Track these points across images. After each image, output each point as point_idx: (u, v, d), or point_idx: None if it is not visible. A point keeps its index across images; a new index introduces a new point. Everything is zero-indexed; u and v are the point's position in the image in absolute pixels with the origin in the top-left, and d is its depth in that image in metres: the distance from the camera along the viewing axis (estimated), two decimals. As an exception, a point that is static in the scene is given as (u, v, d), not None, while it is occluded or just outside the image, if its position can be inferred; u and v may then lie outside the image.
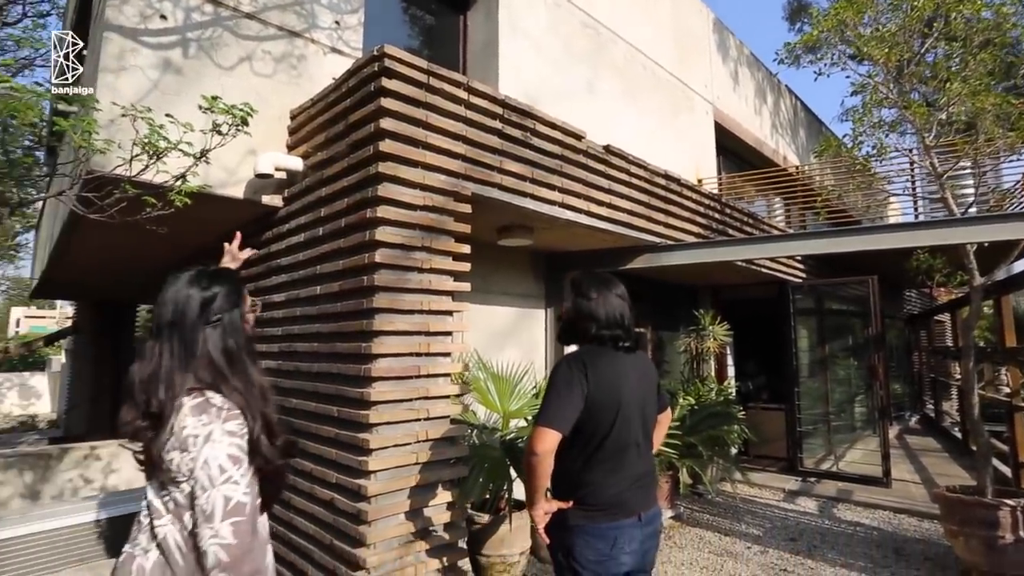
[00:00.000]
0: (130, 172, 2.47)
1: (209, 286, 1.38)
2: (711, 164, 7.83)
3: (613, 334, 1.90)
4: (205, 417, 1.24)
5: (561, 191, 3.85)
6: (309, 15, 3.86)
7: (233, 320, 1.37)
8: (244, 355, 1.36)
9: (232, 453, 1.23)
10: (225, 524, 1.18)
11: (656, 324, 6.80)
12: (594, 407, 1.79)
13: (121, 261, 5.61)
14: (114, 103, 2.93)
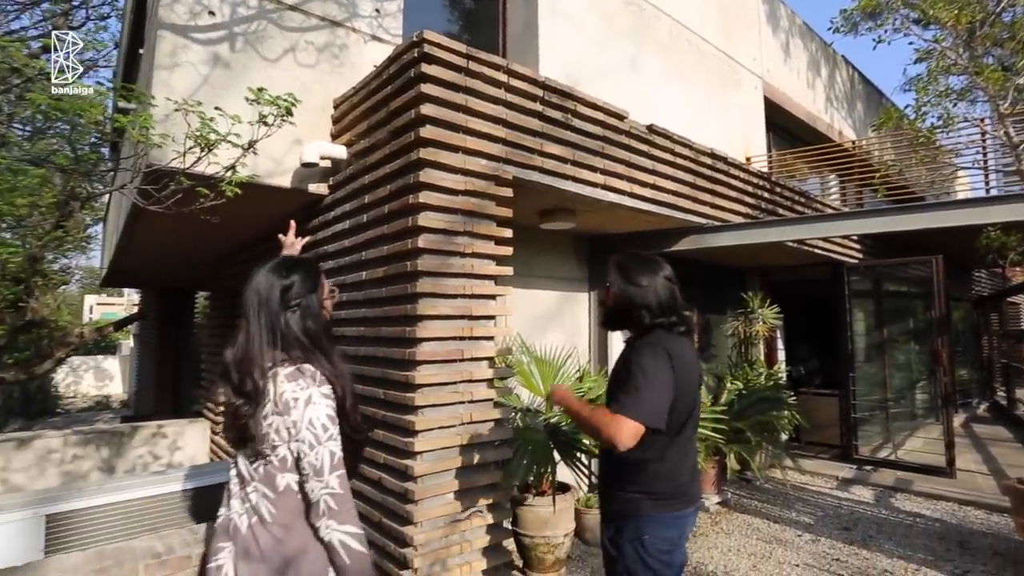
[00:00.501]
0: (184, 164, 2.57)
1: (288, 275, 1.49)
2: (760, 141, 7.53)
3: (670, 320, 1.83)
4: (302, 382, 1.36)
5: (603, 173, 3.78)
6: (350, 4, 3.89)
7: (310, 304, 1.48)
8: (322, 336, 1.47)
9: (330, 414, 1.36)
10: (333, 476, 1.32)
11: (702, 307, 6.64)
12: (679, 397, 1.72)
13: (179, 250, 5.88)
14: (168, 99, 3.05)
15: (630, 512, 1.78)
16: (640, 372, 1.69)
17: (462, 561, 2.81)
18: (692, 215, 4.61)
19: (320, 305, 1.52)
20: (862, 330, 6.79)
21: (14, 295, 7.15)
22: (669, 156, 4.37)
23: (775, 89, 7.99)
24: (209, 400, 6.28)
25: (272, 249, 4.52)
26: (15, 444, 5.39)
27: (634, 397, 1.66)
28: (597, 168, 3.73)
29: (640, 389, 1.66)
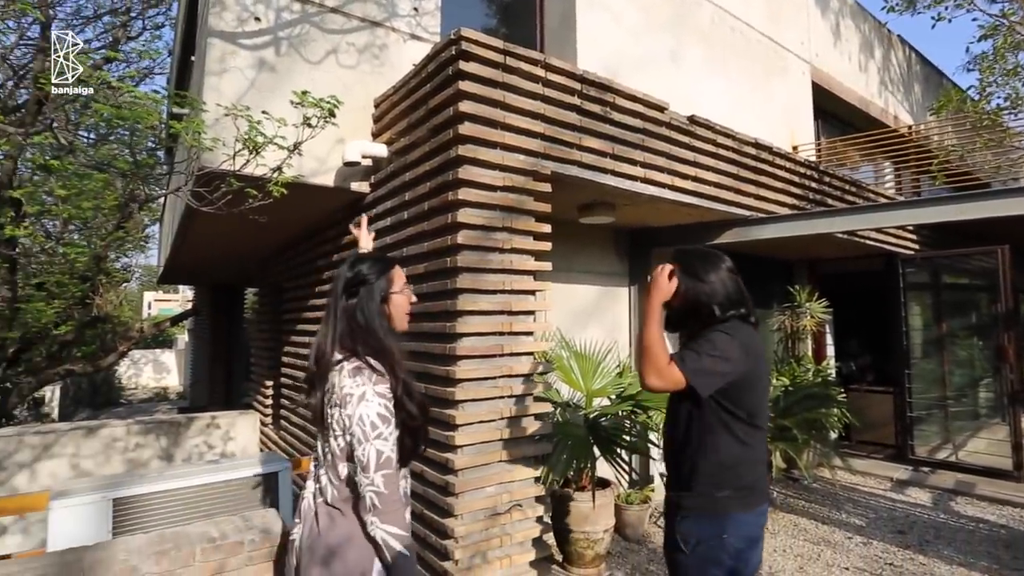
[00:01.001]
0: (234, 167, 2.67)
1: (354, 267, 1.61)
2: (808, 129, 7.25)
3: (739, 313, 1.80)
4: (360, 378, 1.43)
5: (643, 166, 3.73)
6: (389, 4, 3.95)
7: (367, 295, 1.56)
8: (376, 326, 1.53)
9: (381, 412, 1.42)
10: (378, 475, 1.38)
11: (747, 302, 6.47)
12: (757, 384, 1.73)
13: (230, 248, 6.12)
14: (218, 104, 3.17)
15: (708, 509, 1.72)
16: (709, 343, 1.71)
17: (502, 554, 2.84)
18: (735, 207, 4.49)
19: (383, 297, 1.58)
20: (918, 325, 6.48)
21: (82, 292, 7.59)
22: (711, 147, 4.27)
23: (824, 74, 7.68)
24: (259, 393, 6.53)
25: (317, 245, 4.65)
26: (84, 432, 5.74)
27: (694, 357, 1.68)
28: (637, 161, 3.67)
29: (702, 354, 1.68)
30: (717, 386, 1.67)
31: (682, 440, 1.79)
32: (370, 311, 1.54)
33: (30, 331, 7.43)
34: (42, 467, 5.47)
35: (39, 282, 7.55)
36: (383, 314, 1.58)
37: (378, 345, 1.51)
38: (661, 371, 1.67)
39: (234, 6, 3.41)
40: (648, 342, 1.73)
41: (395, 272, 1.66)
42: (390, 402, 1.45)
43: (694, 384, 1.66)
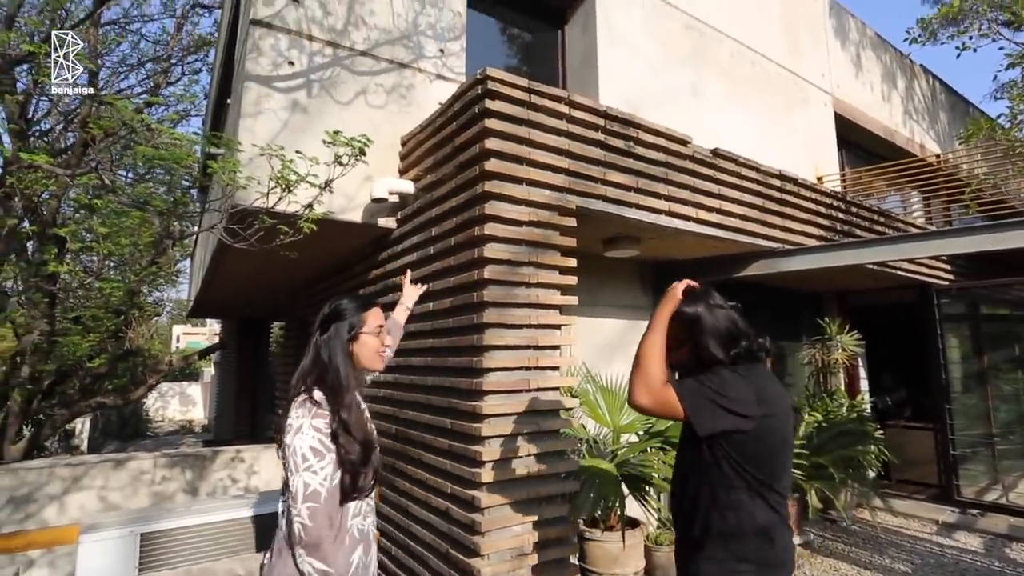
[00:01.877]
0: (267, 204, 2.74)
1: (332, 304, 1.70)
2: (832, 160, 7.21)
3: (742, 350, 1.57)
4: (302, 411, 1.49)
5: (668, 199, 3.73)
6: (416, 46, 4.09)
7: (336, 332, 1.64)
8: (338, 362, 1.60)
9: (314, 445, 1.44)
10: (304, 507, 1.39)
11: (775, 334, 6.34)
12: (774, 440, 1.48)
13: (258, 283, 6.25)
14: (253, 144, 3.29)
15: None
16: (718, 377, 1.50)
17: (530, 597, 2.75)
18: (761, 239, 4.44)
19: (351, 336, 1.65)
20: (957, 357, 6.25)
21: (115, 326, 7.79)
22: (735, 179, 4.26)
23: (847, 105, 7.66)
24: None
25: (344, 281, 4.72)
26: (112, 465, 5.80)
27: (695, 387, 1.49)
28: (661, 194, 3.68)
29: (705, 385, 1.49)
30: (720, 428, 1.45)
31: (692, 494, 1.56)
32: (334, 347, 1.62)
33: (65, 364, 7.62)
34: (71, 500, 5.52)
35: (75, 316, 7.78)
36: (347, 351, 1.64)
37: (333, 381, 1.56)
38: (652, 388, 1.49)
39: (270, 51, 3.56)
40: (643, 352, 1.55)
41: (371, 313, 1.72)
42: (327, 437, 1.47)
43: (692, 418, 1.46)
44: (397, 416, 3.53)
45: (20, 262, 6.69)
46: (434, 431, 3.10)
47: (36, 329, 6.96)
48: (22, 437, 7.41)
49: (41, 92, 7.04)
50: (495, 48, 5.22)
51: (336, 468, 1.48)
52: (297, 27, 3.66)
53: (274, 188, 2.84)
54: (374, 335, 1.71)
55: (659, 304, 1.69)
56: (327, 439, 1.47)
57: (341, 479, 1.49)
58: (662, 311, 1.65)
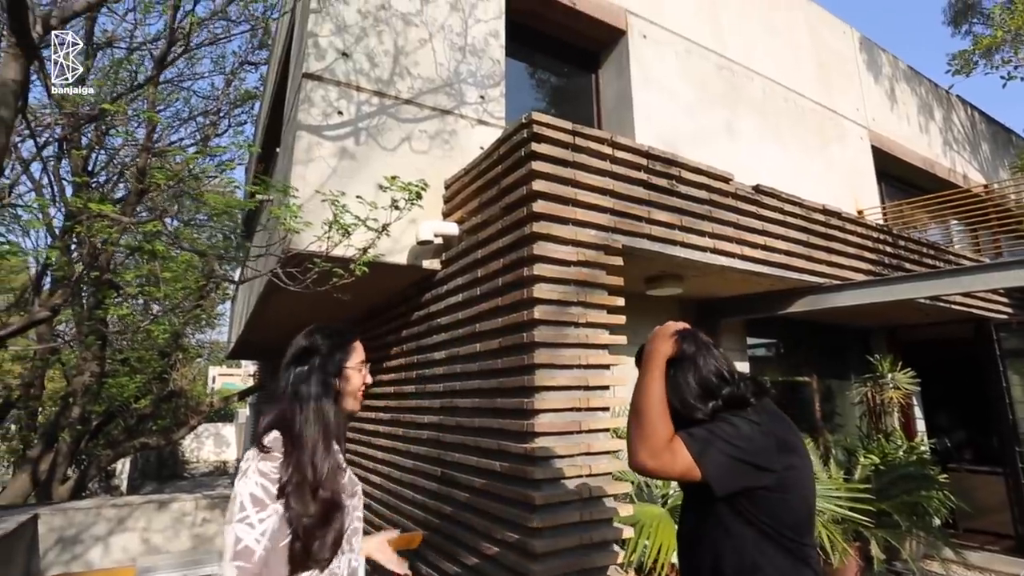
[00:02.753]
0: (324, 248, 2.82)
1: (311, 335, 1.51)
2: (871, 193, 7.10)
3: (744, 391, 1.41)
4: (252, 452, 1.31)
5: (712, 236, 3.71)
6: (458, 94, 4.23)
7: (313, 368, 1.44)
8: (314, 402, 1.39)
9: (255, 493, 1.23)
10: (231, 565, 1.17)
11: (821, 372, 6.13)
12: (798, 489, 1.33)
13: (300, 325, 6.34)
14: (316, 191, 3.41)
15: None
16: (730, 425, 1.32)
17: (586, 652, 2.63)
18: (807, 275, 4.36)
19: (336, 371, 1.45)
20: (1023, 396, 5.92)
21: (161, 367, 8.01)
22: (779, 215, 4.22)
23: (883, 138, 7.59)
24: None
25: (385, 322, 4.77)
26: (156, 506, 5.86)
27: (707, 438, 1.29)
28: (705, 232, 3.66)
29: (717, 435, 1.30)
30: (741, 485, 1.28)
31: (712, 562, 1.35)
32: (315, 382, 1.42)
33: (113, 404, 7.83)
34: (116, 541, 5.57)
35: (124, 358, 8.04)
36: (330, 389, 1.43)
37: (309, 423, 1.34)
38: (656, 449, 1.27)
39: (320, 102, 3.72)
40: (642, 403, 1.34)
41: (355, 346, 1.53)
42: (273, 484, 1.25)
43: (709, 476, 1.26)
44: (442, 459, 3.49)
45: (76, 306, 6.98)
46: (483, 474, 3.05)
47: (87, 371, 7.20)
48: (69, 478, 7.57)
49: (101, 146, 7.49)
50: (532, 92, 5.37)
51: (282, 525, 1.25)
52: (346, 79, 3.83)
53: (328, 232, 2.92)
54: (358, 371, 1.51)
55: (649, 345, 1.46)
56: (273, 486, 1.25)
57: (290, 543, 1.25)
58: (657, 353, 1.43)
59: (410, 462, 3.94)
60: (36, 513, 5.18)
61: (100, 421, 8.14)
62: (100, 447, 8.19)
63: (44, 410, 9.08)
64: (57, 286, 5.21)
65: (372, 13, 4.01)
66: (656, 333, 1.50)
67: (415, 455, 3.89)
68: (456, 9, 4.38)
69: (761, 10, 6.65)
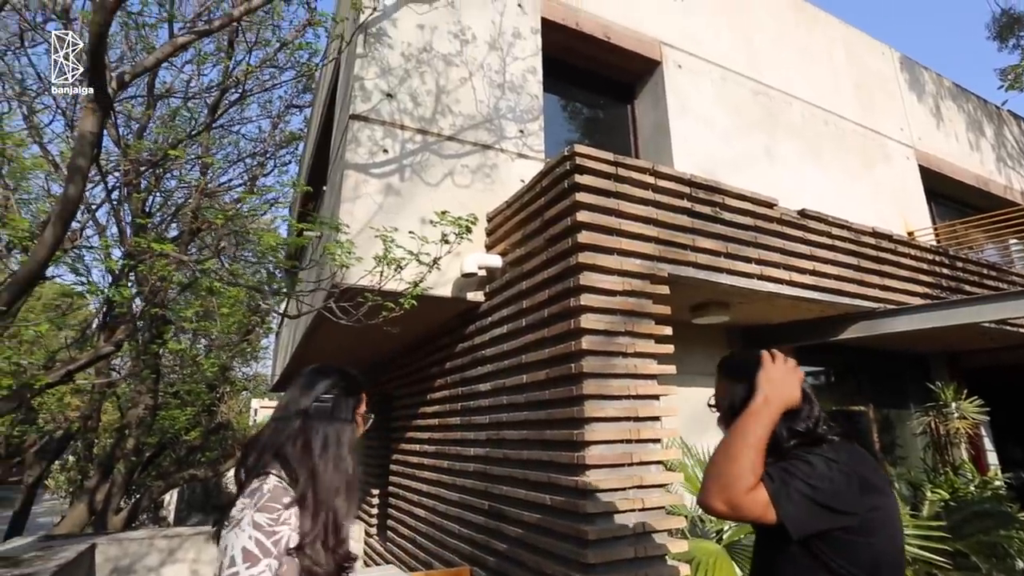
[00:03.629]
0: (377, 283, 2.89)
1: (314, 380, 1.40)
2: (922, 213, 6.87)
3: (824, 427, 1.35)
4: (248, 499, 1.20)
5: (758, 262, 3.64)
6: (498, 129, 4.33)
7: (320, 413, 1.34)
8: (322, 449, 1.30)
9: (247, 547, 1.14)
10: None
11: (877, 400, 5.85)
12: (886, 532, 1.26)
13: (344, 357, 6.48)
14: (371, 227, 3.51)
15: None
16: (807, 464, 1.24)
17: None
18: (860, 299, 4.22)
19: (343, 419, 1.37)
20: (1103, 426, 5.52)
21: (209, 400, 8.24)
22: (827, 239, 4.12)
23: (931, 156, 7.38)
24: (364, 502, 6.55)
25: (428, 354, 4.81)
26: (205, 537, 5.95)
27: (786, 478, 1.22)
28: (752, 258, 3.60)
29: (794, 476, 1.22)
30: (817, 528, 1.21)
31: None
32: (338, 424, 1.34)
33: (165, 436, 8.08)
34: (167, 571, 5.67)
35: (175, 391, 8.32)
36: (349, 433, 1.36)
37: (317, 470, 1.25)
38: (737, 495, 1.18)
39: (366, 142, 3.87)
40: (740, 450, 1.21)
41: (363, 394, 1.47)
42: (268, 536, 1.16)
43: (784, 517, 1.19)
44: (489, 492, 3.46)
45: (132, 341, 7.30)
46: (533, 508, 3.01)
47: (141, 403, 7.47)
48: (123, 508, 7.79)
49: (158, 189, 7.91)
50: (569, 125, 5.45)
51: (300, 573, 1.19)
52: (391, 118, 3.98)
53: (377, 267, 3.00)
54: (363, 419, 1.45)
55: (770, 388, 1.31)
56: (267, 539, 1.16)
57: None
58: (780, 400, 1.30)
59: (456, 495, 3.92)
60: (94, 543, 5.33)
61: (152, 453, 8.39)
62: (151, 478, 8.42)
63: (100, 441, 9.42)
64: (117, 322, 5.47)
65: (415, 55, 4.18)
66: (778, 378, 1.33)
67: (461, 488, 3.87)
68: (494, 48, 4.52)
69: (796, 35, 6.64)
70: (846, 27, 7.31)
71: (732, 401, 1.40)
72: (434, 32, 4.31)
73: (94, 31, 2.77)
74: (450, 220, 2.90)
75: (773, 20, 6.49)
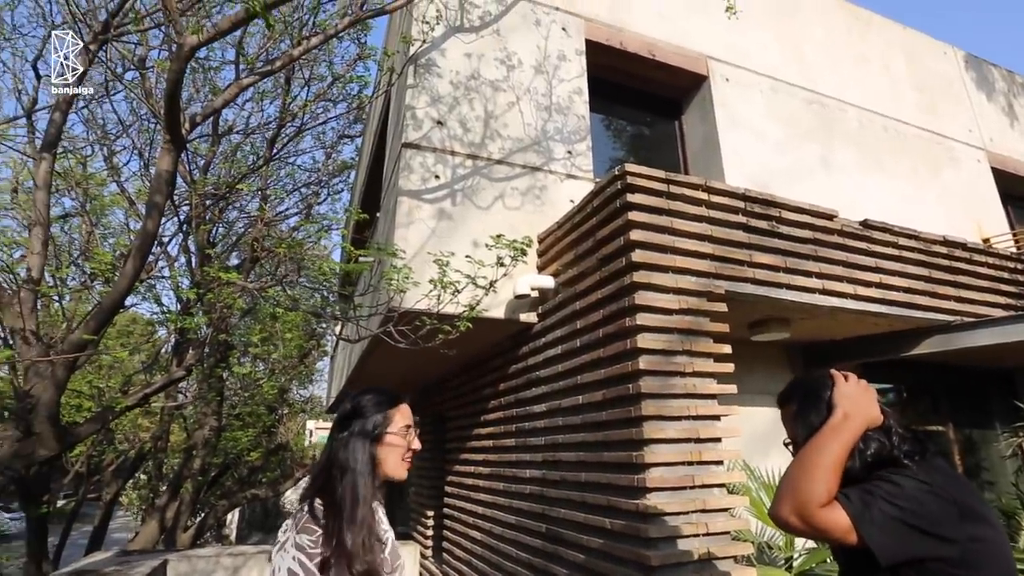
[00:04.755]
0: (435, 307, 2.95)
1: (356, 398, 1.47)
2: (998, 218, 6.47)
3: (908, 447, 1.25)
4: (290, 522, 1.30)
5: (819, 276, 3.51)
6: (546, 151, 4.38)
7: (358, 430, 1.41)
8: (357, 467, 1.36)
9: (292, 567, 1.22)
10: None
11: (957, 420, 5.48)
12: (996, 566, 1.14)
13: (397, 379, 6.60)
14: (428, 252, 3.61)
15: None
16: (894, 486, 1.14)
17: None
18: (932, 312, 4.00)
19: (375, 436, 1.42)
20: None
21: (270, 422, 8.54)
22: (893, 250, 3.94)
23: (1005, 158, 6.96)
24: (419, 523, 6.60)
25: (481, 375, 4.84)
26: (267, 556, 6.13)
27: (870, 499, 1.13)
28: (812, 272, 3.48)
29: (877, 496, 1.13)
30: (911, 555, 1.11)
31: None
32: (354, 448, 1.38)
33: (228, 457, 8.41)
34: (232, 590, 5.85)
35: (238, 413, 8.67)
36: (370, 455, 1.40)
37: (346, 490, 1.32)
38: (809, 511, 1.11)
39: (419, 168, 3.98)
40: (817, 465, 1.15)
41: (398, 410, 1.48)
42: (311, 558, 1.23)
43: (869, 540, 1.10)
44: (547, 514, 3.42)
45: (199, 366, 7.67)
46: (592, 531, 2.96)
47: (207, 425, 7.80)
48: (190, 526, 8.12)
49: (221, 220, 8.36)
50: (616, 142, 5.45)
51: None
52: (441, 145, 4.09)
53: (433, 291, 3.06)
54: (401, 436, 1.46)
55: (849, 404, 1.25)
56: (310, 561, 1.23)
57: None
58: (860, 419, 1.23)
59: (512, 518, 3.89)
60: (165, 559, 5.57)
61: (216, 472, 8.73)
62: (216, 497, 8.75)
63: (169, 461, 9.89)
64: (186, 347, 5.77)
65: (463, 83, 4.30)
66: (857, 394, 1.28)
67: (517, 510, 3.84)
68: (540, 72, 4.60)
69: (849, 41, 6.45)
70: (903, 29, 7.05)
71: (808, 430, 1.29)
72: (481, 59, 4.43)
73: (170, 78, 2.99)
74: (505, 243, 2.94)
75: (823, 28, 6.33)
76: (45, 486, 3.86)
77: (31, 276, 3.92)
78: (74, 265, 5.97)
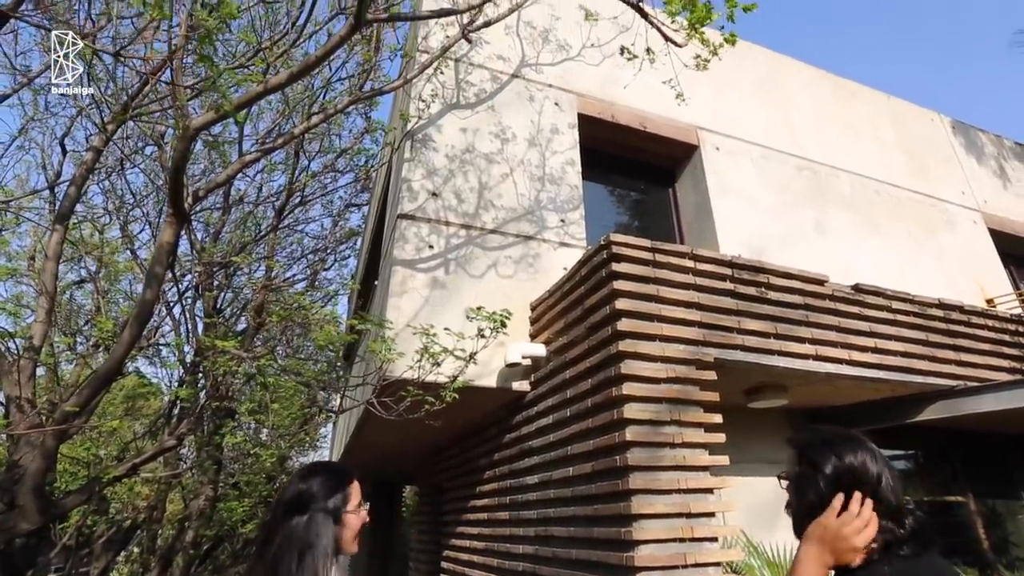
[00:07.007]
0: (418, 376, 2.95)
1: (306, 480, 1.42)
2: (1000, 279, 6.43)
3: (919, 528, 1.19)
4: None
5: (812, 342, 3.48)
6: (539, 220, 4.48)
7: (313, 518, 1.36)
8: (322, 552, 1.33)
9: None
10: None
11: (978, 489, 5.23)
12: None
13: (394, 449, 6.47)
14: (409, 325, 3.64)
15: None
16: None
17: None
18: (933, 376, 3.92)
19: (336, 518, 1.39)
20: None
21: (268, 491, 8.33)
22: (887, 314, 3.91)
23: (1001, 219, 7.01)
24: (415, 599, 6.29)
25: (477, 445, 4.75)
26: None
27: None
28: (805, 338, 3.45)
29: None
30: None
31: None
32: (319, 533, 1.34)
33: (223, 529, 8.16)
34: None
35: (235, 482, 8.48)
36: (334, 539, 1.37)
37: (307, 571, 1.29)
38: None
39: (413, 239, 4.08)
40: None
41: (353, 488, 1.47)
42: None
43: None
44: (539, 595, 3.26)
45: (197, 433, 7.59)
46: (583, 616, 2.81)
47: (203, 494, 7.63)
48: (179, 604, 7.77)
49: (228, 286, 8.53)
50: (611, 210, 5.57)
51: None
52: (436, 216, 4.20)
53: (420, 361, 3.07)
54: (356, 514, 1.45)
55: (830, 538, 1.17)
56: None
57: None
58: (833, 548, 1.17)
59: (505, 598, 3.71)
60: (148, 643, 5.30)
61: (209, 546, 8.44)
62: (208, 572, 8.42)
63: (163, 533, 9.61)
64: (184, 415, 5.75)
65: (458, 156, 4.47)
66: (835, 529, 1.17)
67: (511, 590, 3.67)
68: (534, 145, 4.78)
69: (836, 111, 6.68)
70: (888, 98, 7.30)
71: (800, 509, 1.27)
72: (476, 134, 4.62)
73: (176, 156, 3.15)
74: (484, 315, 2.97)
75: (810, 98, 6.58)
76: (31, 560, 3.75)
77: (32, 344, 3.98)
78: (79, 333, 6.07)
